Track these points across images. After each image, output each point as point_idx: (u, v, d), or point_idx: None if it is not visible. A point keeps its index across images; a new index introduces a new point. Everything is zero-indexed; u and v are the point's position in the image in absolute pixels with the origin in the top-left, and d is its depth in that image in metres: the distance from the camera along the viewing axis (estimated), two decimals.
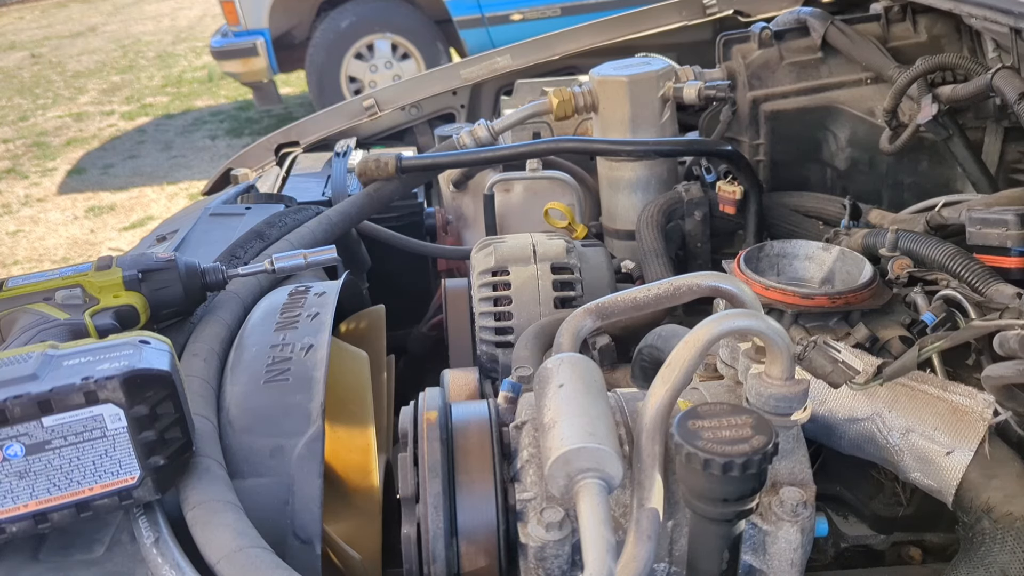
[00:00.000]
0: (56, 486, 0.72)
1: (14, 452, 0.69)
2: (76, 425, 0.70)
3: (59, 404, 0.69)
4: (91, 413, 0.70)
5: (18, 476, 0.70)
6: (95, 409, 0.70)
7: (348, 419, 1.01)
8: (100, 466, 0.72)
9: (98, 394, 0.70)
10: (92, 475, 0.72)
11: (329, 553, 0.89)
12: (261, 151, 2.20)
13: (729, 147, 1.47)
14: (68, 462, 0.71)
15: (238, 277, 1.09)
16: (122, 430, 0.71)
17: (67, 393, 0.69)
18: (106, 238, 5.02)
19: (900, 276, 1.07)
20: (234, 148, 6.11)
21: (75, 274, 0.99)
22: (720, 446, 0.65)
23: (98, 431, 0.71)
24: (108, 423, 0.71)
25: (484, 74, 2.24)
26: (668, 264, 1.38)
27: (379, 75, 5.85)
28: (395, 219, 1.76)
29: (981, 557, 0.80)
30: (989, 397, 0.84)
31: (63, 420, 0.70)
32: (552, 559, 0.73)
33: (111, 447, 0.72)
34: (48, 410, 0.69)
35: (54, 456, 0.71)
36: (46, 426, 0.69)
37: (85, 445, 0.71)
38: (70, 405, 0.69)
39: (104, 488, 0.73)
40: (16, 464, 0.70)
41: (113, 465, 0.72)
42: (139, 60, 9.68)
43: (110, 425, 0.71)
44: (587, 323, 0.89)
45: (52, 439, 0.70)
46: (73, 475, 0.72)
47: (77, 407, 0.70)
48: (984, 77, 1.25)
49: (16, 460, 0.70)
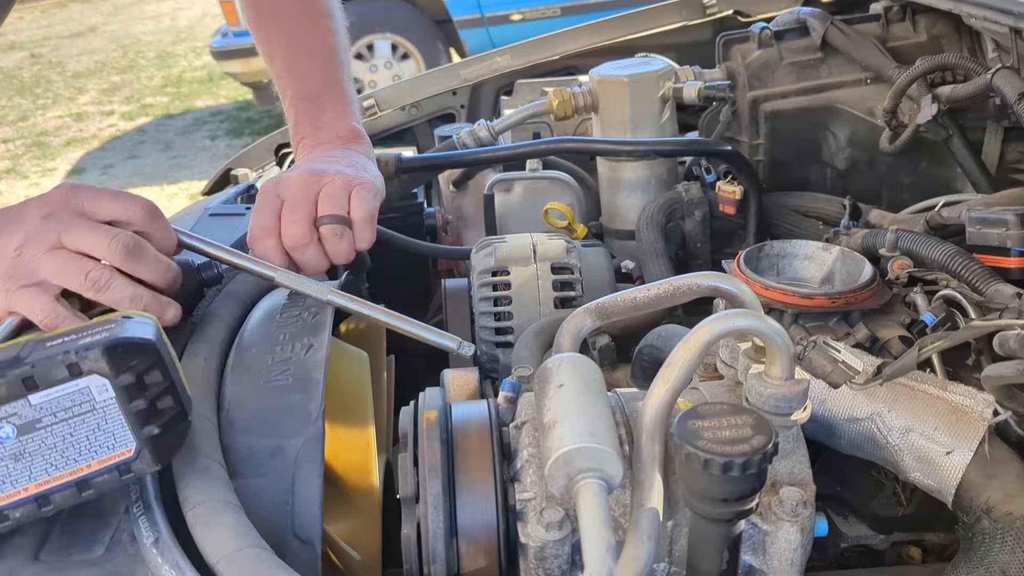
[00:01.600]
0: (53, 466, 0.71)
1: (6, 434, 0.69)
2: (64, 400, 0.70)
3: (43, 379, 0.69)
4: (77, 386, 0.70)
5: (13, 459, 0.70)
6: (81, 381, 0.70)
7: (348, 419, 1.01)
8: (95, 441, 0.71)
9: (80, 365, 0.69)
10: (88, 451, 0.72)
11: (329, 553, 0.89)
12: (261, 151, 2.19)
13: (729, 147, 1.47)
14: (62, 439, 0.71)
15: (233, 272, 1.09)
16: (111, 401, 0.71)
17: (50, 368, 0.69)
18: None
19: (900, 276, 1.07)
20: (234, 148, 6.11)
21: None
22: (720, 446, 0.65)
23: (87, 404, 0.70)
24: (96, 395, 0.70)
25: (484, 74, 2.24)
26: (668, 264, 1.38)
27: (379, 75, 5.86)
28: (395, 219, 1.76)
29: (981, 557, 0.80)
30: (989, 397, 0.84)
31: (50, 396, 0.69)
32: (552, 559, 0.73)
33: (103, 420, 0.71)
34: (33, 387, 0.69)
35: (47, 434, 0.70)
36: (34, 404, 0.69)
37: (76, 420, 0.70)
38: (54, 380, 0.69)
39: (102, 463, 0.72)
40: (10, 446, 0.69)
41: (108, 439, 0.72)
42: (139, 60, 9.68)
43: (98, 397, 0.70)
44: (587, 323, 0.89)
45: (42, 417, 0.70)
46: (68, 452, 0.71)
47: (62, 381, 0.69)
48: (984, 77, 1.25)
49: (9, 442, 0.69)
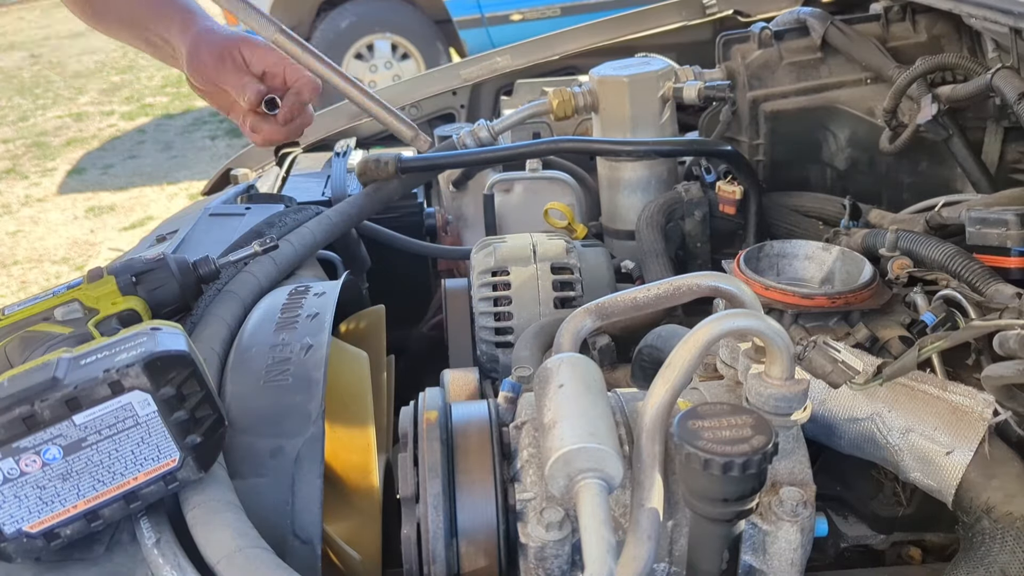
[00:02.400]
0: (100, 482, 0.72)
1: (52, 456, 0.70)
2: (108, 418, 0.71)
3: (87, 400, 0.70)
4: (120, 403, 0.71)
5: (61, 479, 0.71)
6: (123, 398, 0.71)
7: (348, 419, 1.01)
8: (140, 454, 0.73)
9: (123, 383, 0.70)
10: (134, 464, 0.73)
11: (329, 553, 0.89)
12: (261, 151, 2.20)
13: (729, 147, 1.47)
14: (108, 456, 0.72)
15: (229, 265, 1.10)
16: (153, 415, 0.72)
17: (92, 387, 0.70)
18: (106, 238, 5.02)
19: (900, 276, 1.07)
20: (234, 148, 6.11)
21: (69, 290, 0.99)
22: (720, 446, 0.65)
23: (130, 420, 0.71)
24: (138, 410, 0.71)
25: (484, 74, 2.24)
26: (668, 264, 1.38)
27: (379, 75, 5.85)
28: (395, 219, 1.76)
29: (981, 557, 0.80)
30: (989, 397, 0.84)
31: (94, 415, 0.70)
32: (552, 559, 0.73)
33: (146, 433, 0.72)
34: (77, 408, 0.70)
35: (93, 452, 0.71)
36: (78, 424, 0.70)
37: (121, 436, 0.72)
38: (97, 399, 0.70)
39: (148, 475, 0.73)
40: (57, 467, 0.70)
41: (152, 451, 0.73)
42: (139, 60, 9.67)
43: (140, 412, 0.72)
44: (587, 323, 0.89)
45: (87, 436, 0.71)
46: (115, 468, 0.72)
47: (105, 399, 0.70)
48: (984, 77, 1.25)
49: (56, 463, 0.70)
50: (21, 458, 0.69)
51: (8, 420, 0.68)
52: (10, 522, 0.71)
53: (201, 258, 1.07)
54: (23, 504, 0.71)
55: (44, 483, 0.70)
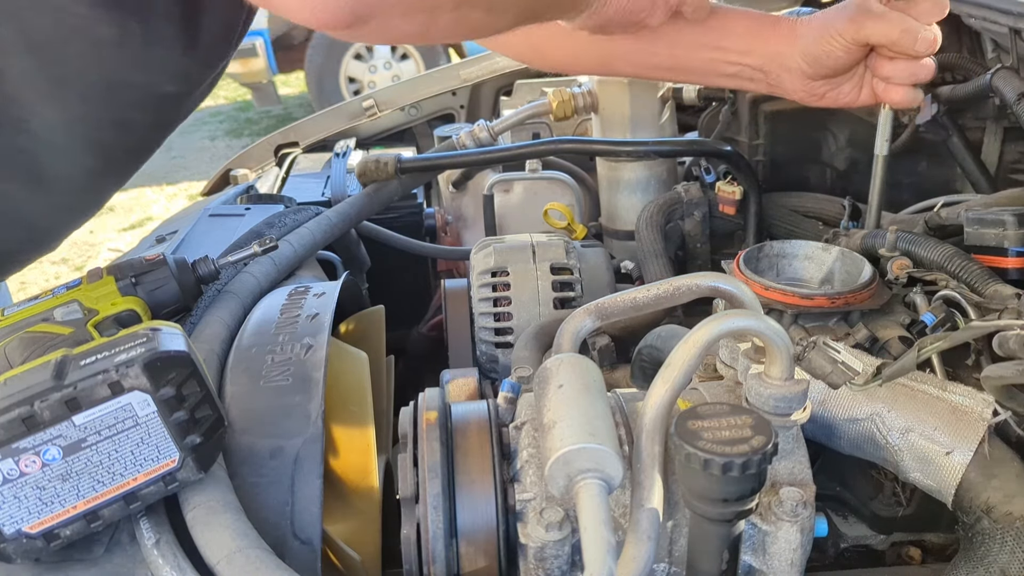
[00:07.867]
0: (100, 482, 0.72)
1: (52, 456, 0.70)
2: (107, 418, 0.71)
3: (86, 400, 0.70)
4: (119, 403, 0.71)
5: (61, 479, 0.71)
6: (123, 399, 0.71)
7: (348, 419, 1.01)
8: (139, 455, 0.73)
9: (122, 383, 0.70)
10: (133, 465, 0.73)
11: (329, 554, 0.89)
12: (260, 151, 2.20)
13: (729, 147, 1.47)
14: (107, 456, 0.72)
15: (229, 265, 1.10)
16: (153, 415, 0.72)
17: (92, 387, 0.70)
18: (106, 238, 5.02)
19: (899, 276, 1.07)
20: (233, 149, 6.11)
21: (68, 291, 0.99)
22: (720, 446, 0.65)
23: (130, 420, 0.71)
24: (138, 410, 0.71)
25: (484, 74, 2.24)
26: (668, 264, 1.38)
27: (378, 75, 5.86)
28: (395, 219, 1.77)
29: (981, 557, 0.80)
30: (989, 397, 0.84)
31: (93, 415, 0.70)
32: (552, 559, 0.73)
33: (146, 434, 0.72)
34: (76, 408, 0.70)
35: (93, 452, 0.71)
36: (78, 424, 0.70)
37: (120, 436, 0.71)
38: (97, 399, 0.70)
39: (147, 476, 0.73)
40: (56, 468, 0.70)
41: (152, 452, 0.73)
42: None
43: (140, 412, 0.72)
44: (587, 323, 0.89)
45: (87, 436, 0.70)
46: (115, 468, 0.72)
47: (104, 400, 0.70)
48: (983, 77, 1.25)
49: (56, 464, 0.70)
50: (21, 459, 0.69)
51: (8, 421, 0.68)
52: (10, 523, 0.71)
53: (201, 258, 1.07)
54: (23, 505, 0.70)
55: (44, 484, 0.70)
